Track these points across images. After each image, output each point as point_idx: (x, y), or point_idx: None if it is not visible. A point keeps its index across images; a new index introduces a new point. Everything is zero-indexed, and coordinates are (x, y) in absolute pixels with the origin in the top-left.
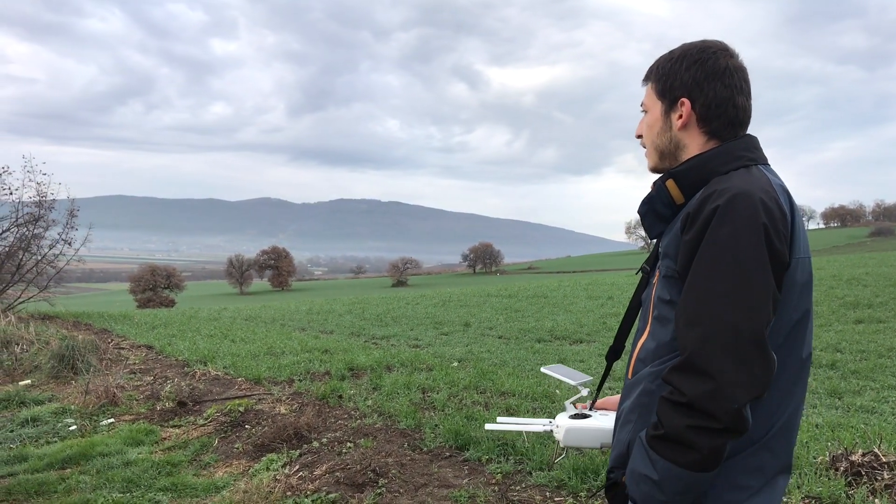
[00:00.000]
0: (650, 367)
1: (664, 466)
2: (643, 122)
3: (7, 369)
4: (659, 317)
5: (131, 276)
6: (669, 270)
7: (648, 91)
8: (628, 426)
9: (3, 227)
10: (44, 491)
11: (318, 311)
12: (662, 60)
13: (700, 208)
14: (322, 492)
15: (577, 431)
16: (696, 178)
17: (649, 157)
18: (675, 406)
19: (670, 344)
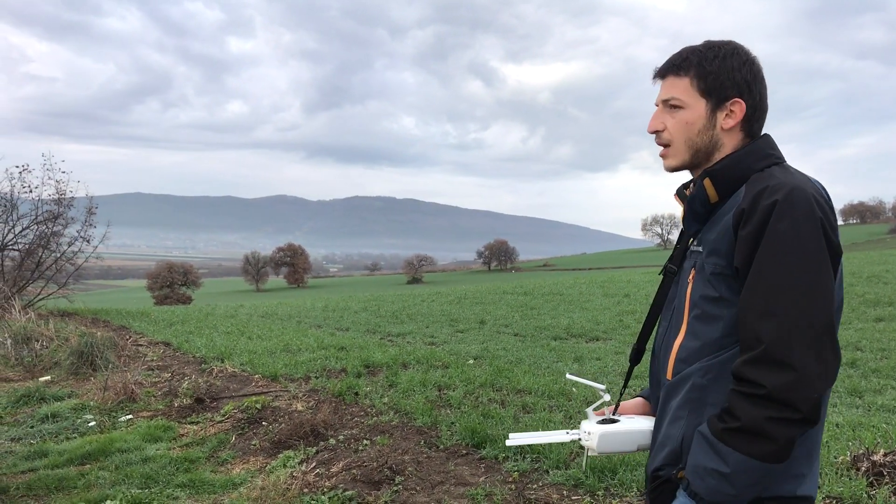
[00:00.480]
0: (699, 363)
1: (737, 459)
2: (671, 118)
3: (27, 366)
4: (702, 315)
5: (149, 273)
6: (717, 267)
7: (685, 87)
8: (679, 422)
9: (24, 225)
10: (63, 486)
11: (334, 309)
12: (703, 56)
13: (755, 204)
14: (339, 489)
15: (612, 436)
16: (732, 177)
17: (676, 155)
18: (753, 398)
19: (720, 341)
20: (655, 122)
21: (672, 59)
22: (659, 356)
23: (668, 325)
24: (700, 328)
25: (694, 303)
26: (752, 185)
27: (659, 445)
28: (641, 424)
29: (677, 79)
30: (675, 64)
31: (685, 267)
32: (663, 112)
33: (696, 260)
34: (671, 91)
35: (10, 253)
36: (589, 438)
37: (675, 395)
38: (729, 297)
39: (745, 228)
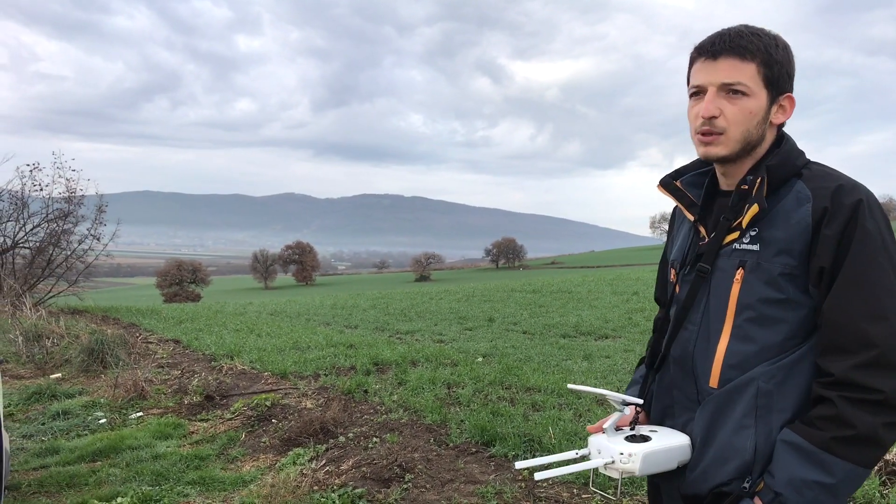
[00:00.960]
0: (760, 368)
1: (846, 468)
2: (730, 104)
3: (38, 363)
4: (758, 318)
5: (158, 270)
6: (787, 268)
7: (752, 73)
8: (746, 431)
9: (34, 223)
10: (75, 483)
11: (343, 306)
12: (768, 44)
13: (838, 202)
14: (349, 486)
15: (656, 456)
16: (784, 173)
17: (727, 144)
18: (869, 405)
19: (782, 344)
20: (712, 106)
21: (731, 38)
22: (686, 363)
23: (697, 329)
24: (756, 332)
25: (746, 305)
26: (816, 181)
27: (718, 459)
28: (677, 438)
29: (742, 63)
30: (740, 45)
31: (723, 266)
32: (718, 96)
33: (748, 259)
34: (736, 75)
35: (22, 251)
36: (629, 460)
37: (734, 403)
38: (796, 299)
39: (829, 227)
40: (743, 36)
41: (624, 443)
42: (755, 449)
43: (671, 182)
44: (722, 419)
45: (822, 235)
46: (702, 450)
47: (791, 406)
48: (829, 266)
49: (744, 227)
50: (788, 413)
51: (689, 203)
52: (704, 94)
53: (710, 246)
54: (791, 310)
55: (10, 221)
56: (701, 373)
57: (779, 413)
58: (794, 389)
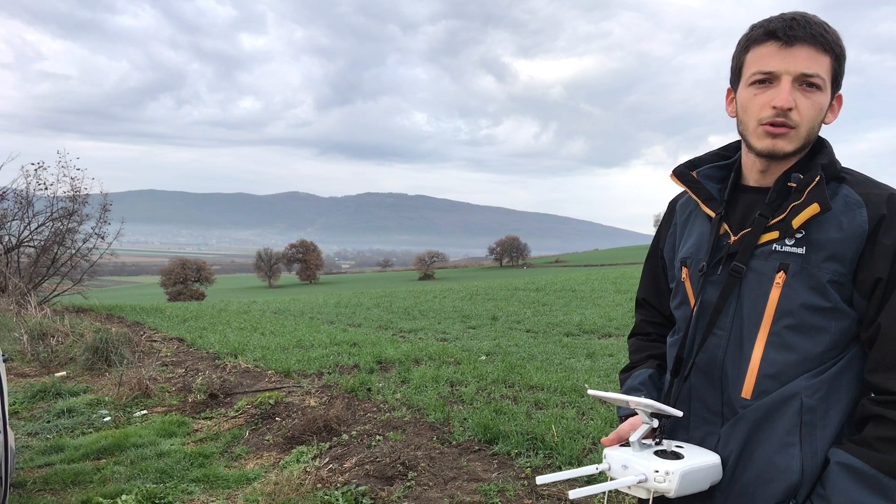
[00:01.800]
0: (802, 380)
1: None
2: (804, 98)
3: (43, 361)
4: (800, 326)
5: (162, 269)
6: (836, 275)
7: (827, 67)
8: (791, 450)
9: (39, 222)
10: (80, 481)
11: (347, 305)
12: (834, 37)
13: (894, 210)
14: (352, 484)
15: (693, 475)
16: (831, 175)
17: (795, 140)
18: None
19: (822, 355)
20: (791, 97)
21: (810, 26)
22: (713, 371)
23: (728, 335)
24: (796, 340)
25: (787, 311)
26: (864, 187)
27: (760, 479)
28: (708, 457)
29: (820, 55)
30: (821, 35)
31: (758, 268)
32: (793, 88)
33: (791, 262)
34: (816, 66)
35: (26, 249)
36: (665, 479)
37: (775, 418)
38: (841, 308)
39: (888, 237)
40: (819, 25)
41: (657, 459)
42: (802, 469)
43: (687, 173)
44: (762, 436)
45: (878, 244)
46: (737, 469)
47: (835, 422)
48: (886, 277)
49: (794, 228)
50: (833, 430)
51: (708, 197)
52: (774, 82)
53: (744, 245)
54: (835, 319)
55: (15, 220)
56: (732, 382)
57: (823, 430)
58: (838, 405)
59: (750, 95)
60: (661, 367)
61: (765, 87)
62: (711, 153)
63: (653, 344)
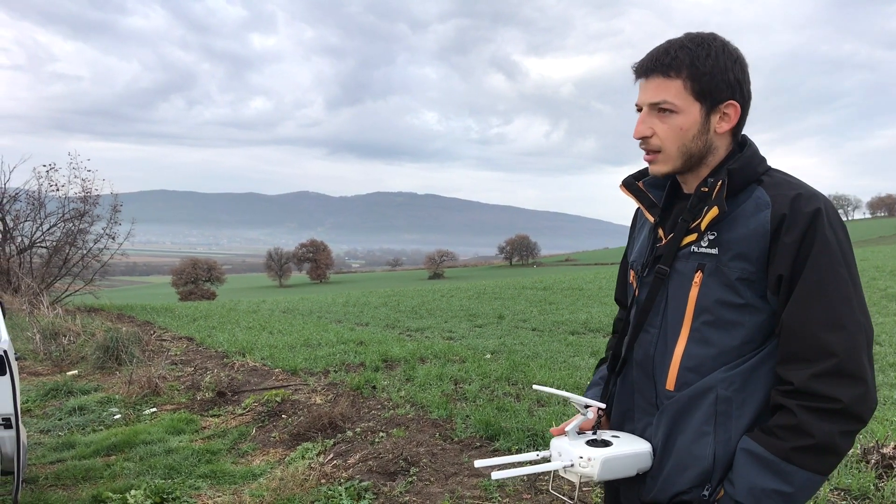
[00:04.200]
0: (719, 373)
1: (804, 477)
2: (661, 123)
3: (55, 360)
4: (716, 321)
5: (173, 269)
6: (745, 273)
7: (677, 89)
8: (706, 439)
9: (51, 223)
10: (90, 476)
11: (354, 304)
12: (695, 55)
13: (796, 210)
14: (355, 480)
15: (615, 461)
16: (744, 178)
17: (668, 161)
18: (827, 414)
19: (738, 348)
20: (643, 127)
21: (658, 56)
22: (647, 365)
23: (658, 332)
24: (714, 335)
25: (704, 308)
26: (776, 188)
27: (678, 466)
28: (638, 445)
29: (667, 80)
30: (664, 63)
31: (680, 269)
32: (650, 116)
33: (707, 262)
34: (662, 94)
35: (39, 250)
36: (588, 465)
37: (693, 409)
38: (754, 304)
39: (788, 235)
40: (668, 52)
41: (584, 447)
42: (714, 456)
43: (633, 183)
44: (681, 426)
45: (780, 243)
46: (662, 457)
47: (750, 412)
48: (787, 274)
49: (702, 230)
50: (747, 419)
51: (651, 204)
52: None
53: (668, 248)
54: (749, 314)
55: (27, 221)
56: (659, 376)
57: (738, 420)
58: (753, 396)
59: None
60: None
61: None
62: None
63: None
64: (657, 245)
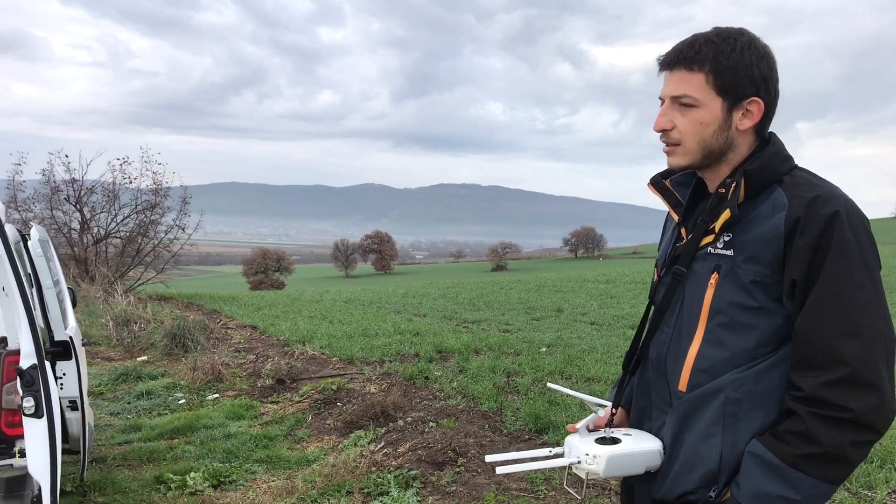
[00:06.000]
0: (730, 375)
1: (811, 485)
2: (682, 117)
3: (127, 346)
4: (730, 323)
5: (244, 259)
6: (758, 276)
7: (699, 83)
8: (713, 440)
9: (125, 214)
10: (154, 458)
11: (414, 295)
12: (719, 49)
13: (812, 213)
14: (404, 468)
15: (621, 459)
16: (764, 178)
17: (686, 155)
18: (838, 422)
19: (752, 351)
20: (663, 120)
21: (682, 49)
22: (660, 365)
23: (672, 332)
24: (727, 337)
25: (718, 310)
26: (795, 189)
27: (685, 466)
28: (648, 443)
29: (690, 74)
30: (687, 56)
31: (697, 269)
32: (672, 108)
33: (723, 264)
34: (683, 87)
35: (113, 240)
36: (594, 462)
37: (702, 409)
38: (768, 307)
39: (803, 238)
40: (693, 46)
41: (593, 444)
42: (720, 457)
43: (661, 181)
44: (689, 425)
45: (794, 246)
46: (671, 456)
47: (760, 416)
48: (801, 279)
49: (717, 232)
50: (757, 422)
51: (676, 203)
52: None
53: (686, 248)
54: (763, 318)
55: (102, 213)
56: (672, 376)
57: (746, 422)
58: (764, 399)
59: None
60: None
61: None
62: None
63: None
64: (677, 245)
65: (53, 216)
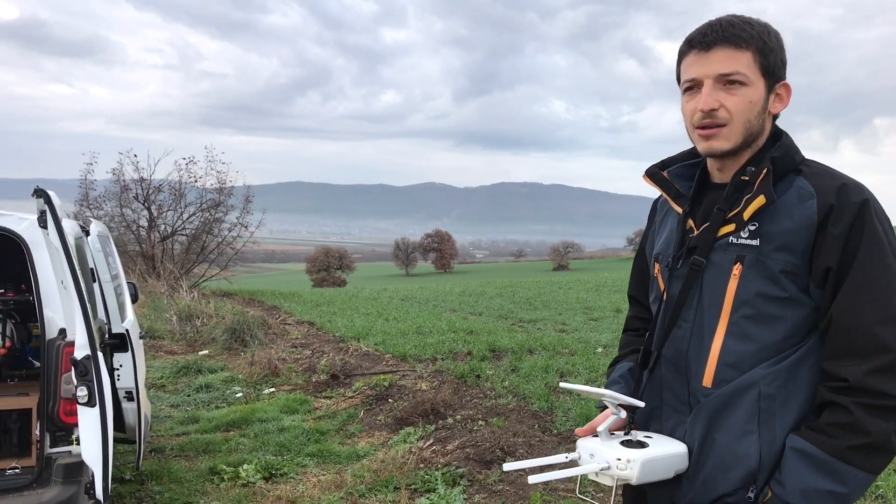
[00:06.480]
0: (760, 369)
1: (859, 477)
2: (730, 95)
3: (189, 340)
4: (757, 315)
5: (307, 257)
6: (789, 265)
7: (748, 61)
8: (750, 437)
9: (190, 213)
10: (210, 449)
11: (471, 294)
12: (761, 31)
13: (843, 201)
14: (452, 466)
15: (655, 463)
16: (785, 166)
17: (731, 137)
18: (885, 410)
19: (779, 344)
20: (712, 98)
21: (723, 28)
22: (679, 362)
23: (691, 326)
24: (754, 330)
25: (744, 301)
26: (819, 178)
27: (719, 467)
28: (674, 446)
29: (737, 52)
30: (734, 34)
31: (717, 260)
32: (716, 88)
33: (747, 254)
34: (733, 64)
35: (179, 238)
36: (627, 467)
37: (733, 406)
38: (797, 297)
39: (836, 226)
40: (735, 25)
41: (621, 448)
42: (760, 456)
43: (658, 172)
44: (721, 424)
45: (828, 234)
46: (699, 457)
47: (794, 410)
48: (835, 266)
49: (745, 220)
50: (791, 418)
51: (677, 194)
52: (699, 87)
53: (703, 239)
54: (791, 308)
55: (169, 211)
56: (694, 372)
57: (782, 418)
58: (796, 393)
59: (684, 103)
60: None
61: (693, 94)
62: (683, 153)
63: (639, 339)
64: (689, 236)
65: (123, 214)
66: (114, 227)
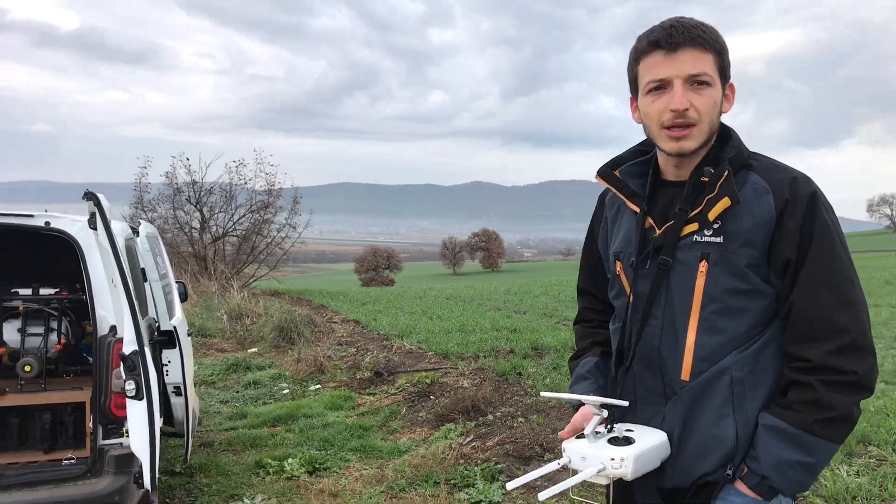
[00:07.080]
0: (731, 357)
1: (826, 447)
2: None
3: (239, 338)
4: (725, 309)
5: (356, 257)
6: (753, 259)
7: (710, 63)
8: (726, 420)
9: (240, 214)
10: (256, 444)
11: (516, 292)
12: (713, 33)
13: (795, 195)
14: (491, 462)
15: (645, 456)
16: (739, 165)
17: (699, 136)
18: (846, 386)
19: (747, 333)
20: (685, 99)
21: (689, 29)
22: (653, 357)
23: (661, 323)
24: (723, 323)
25: (713, 297)
26: (769, 173)
27: (699, 450)
28: (656, 436)
29: (702, 53)
30: (699, 36)
31: (683, 258)
32: (684, 88)
33: (711, 251)
34: (701, 65)
35: (230, 238)
36: (621, 465)
37: (709, 393)
38: (760, 289)
39: (792, 220)
40: (697, 27)
41: (610, 447)
42: (737, 436)
43: (610, 172)
44: (699, 411)
45: (784, 227)
46: (681, 443)
47: (763, 392)
48: (794, 258)
49: (710, 220)
50: (761, 399)
51: (632, 193)
52: (667, 87)
53: (668, 238)
54: (756, 299)
55: (220, 213)
56: (670, 367)
57: (753, 400)
58: (763, 375)
59: (648, 103)
60: (606, 353)
61: (660, 94)
62: (631, 150)
63: (595, 330)
64: (652, 236)
65: (176, 216)
66: (167, 228)
